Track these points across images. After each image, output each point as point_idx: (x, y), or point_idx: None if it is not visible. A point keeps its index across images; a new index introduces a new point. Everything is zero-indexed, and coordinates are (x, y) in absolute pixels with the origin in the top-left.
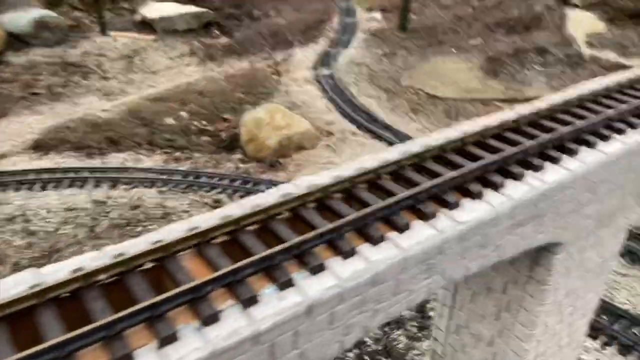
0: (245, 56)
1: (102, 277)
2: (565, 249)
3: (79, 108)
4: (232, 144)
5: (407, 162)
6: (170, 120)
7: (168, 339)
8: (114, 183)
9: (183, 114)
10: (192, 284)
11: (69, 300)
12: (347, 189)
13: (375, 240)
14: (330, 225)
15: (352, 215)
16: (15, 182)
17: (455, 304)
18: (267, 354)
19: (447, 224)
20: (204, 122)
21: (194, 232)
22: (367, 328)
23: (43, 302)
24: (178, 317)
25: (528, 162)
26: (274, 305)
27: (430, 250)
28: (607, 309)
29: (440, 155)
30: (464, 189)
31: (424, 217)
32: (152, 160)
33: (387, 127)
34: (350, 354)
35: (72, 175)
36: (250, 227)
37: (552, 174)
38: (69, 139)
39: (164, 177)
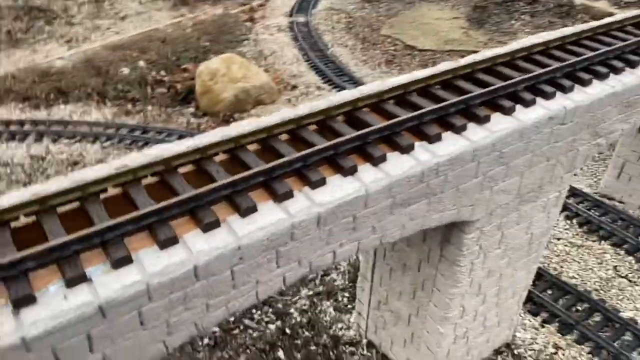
0: (221, 1)
1: None
2: (477, 228)
3: (37, 55)
4: (187, 97)
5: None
6: (126, 70)
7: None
8: (56, 137)
9: (141, 63)
10: None
11: None
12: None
13: (206, 227)
14: (148, 210)
15: (184, 195)
16: None
17: (375, 278)
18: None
19: (302, 205)
20: (162, 73)
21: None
22: (202, 325)
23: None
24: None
25: (421, 130)
26: (53, 306)
27: (276, 237)
28: (554, 283)
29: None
30: (334, 162)
31: (275, 197)
32: (101, 113)
33: (355, 81)
34: (272, 326)
35: (13, 128)
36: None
37: (446, 146)
38: (15, 89)
39: (110, 131)
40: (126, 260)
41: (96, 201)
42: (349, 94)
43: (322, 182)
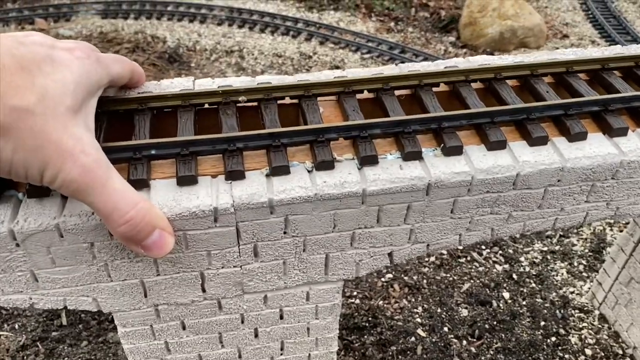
0: None
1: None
2: None
3: None
4: (449, 25)
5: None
6: None
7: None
8: (323, 40)
9: None
10: (312, 127)
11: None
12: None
13: (533, 141)
14: (479, 110)
15: (515, 106)
16: (240, 20)
17: (635, 253)
18: (372, 216)
19: (635, 146)
20: None
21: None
22: (497, 232)
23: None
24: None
25: None
26: (390, 172)
27: (600, 170)
28: None
29: None
30: None
31: (607, 130)
32: (365, 26)
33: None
34: (498, 267)
35: (289, 24)
36: (400, 91)
37: None
38: None
39: (371, 44)
40: (458, 150)
41: (429, 92)
42: None
43: None
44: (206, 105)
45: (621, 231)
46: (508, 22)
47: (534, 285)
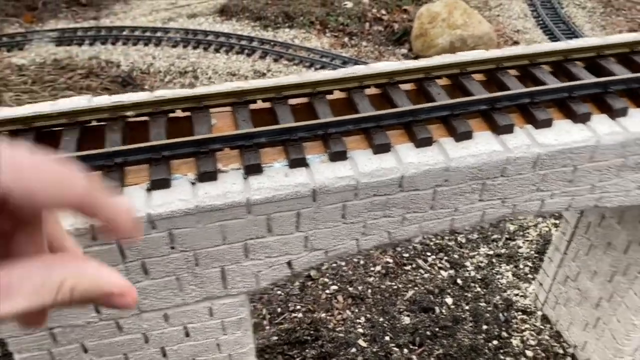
0: None
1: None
2: None
3: None
4: (401, 38)
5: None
6: (349, 4)
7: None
8: (278, 57)
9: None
10: (196, 138)
11: None
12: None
13: (419, 142)
14: (368, 114)
15: (402, 108)
16: (195, 41)
17: (568, 252)
18: (262, 226)
19: (521, 142)
20: (382, 11)
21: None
22: (393, 235)
23: None
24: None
25: None
26: (275, 180)
27: (487, 167)
28: None
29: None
30: (564, 106)
31: (494, 128)
32: (320, 42)
33: None
34: (444, 273)
35: (243, 43)
36: (295, 99)
37: None
38: (251, 8)
39: (325, 59)
40: (342, 156)
41: (322, 100)
42: (590, 41)
43: (548, 122)
44: (94, 123)
45: None
46: (457, 31)
47: (478, 289)
